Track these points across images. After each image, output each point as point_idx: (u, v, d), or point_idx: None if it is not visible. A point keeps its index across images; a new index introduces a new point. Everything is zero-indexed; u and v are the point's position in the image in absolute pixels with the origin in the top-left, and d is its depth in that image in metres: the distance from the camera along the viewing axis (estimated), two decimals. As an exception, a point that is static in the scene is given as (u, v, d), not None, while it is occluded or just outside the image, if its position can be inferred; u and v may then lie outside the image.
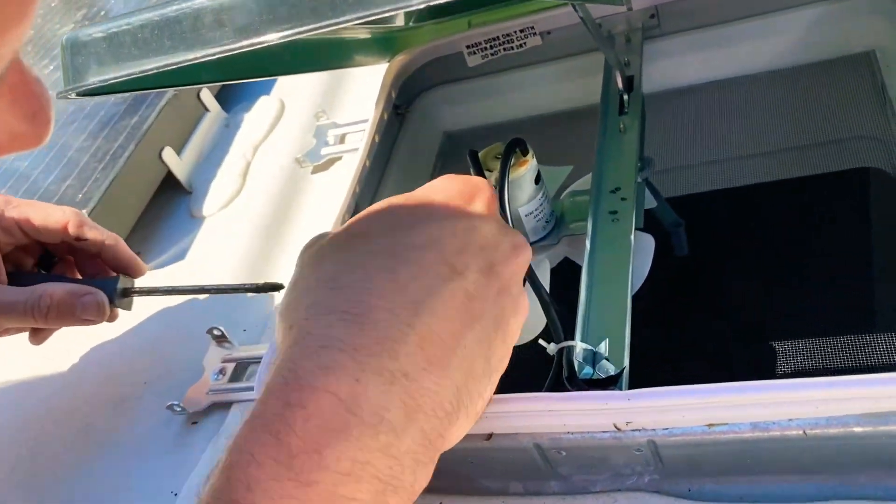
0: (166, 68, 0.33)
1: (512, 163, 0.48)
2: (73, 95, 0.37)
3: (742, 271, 0.55)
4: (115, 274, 0.57)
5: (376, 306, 0.30)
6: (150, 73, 0.33)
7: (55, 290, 0.51)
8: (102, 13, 1.04)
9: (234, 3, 0.30)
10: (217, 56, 0.32)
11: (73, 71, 0.36)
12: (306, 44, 0.59)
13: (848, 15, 0.59)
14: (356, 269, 0.31)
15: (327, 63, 0.64)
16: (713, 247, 0.58)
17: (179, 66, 0.33)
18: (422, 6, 0.30)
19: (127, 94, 0.83)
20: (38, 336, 0.55)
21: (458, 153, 0.72)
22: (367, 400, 0.28)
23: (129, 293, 0.55)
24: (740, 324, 0.50)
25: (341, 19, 0.28)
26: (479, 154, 0.49)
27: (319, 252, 0.34)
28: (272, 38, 0.31)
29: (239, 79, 0.53)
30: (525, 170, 0.48)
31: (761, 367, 0.45)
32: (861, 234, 0.54)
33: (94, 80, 0.34)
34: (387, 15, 0.29)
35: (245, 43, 0.31)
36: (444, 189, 0.36)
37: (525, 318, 0.36)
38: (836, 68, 0.60)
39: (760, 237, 0.57)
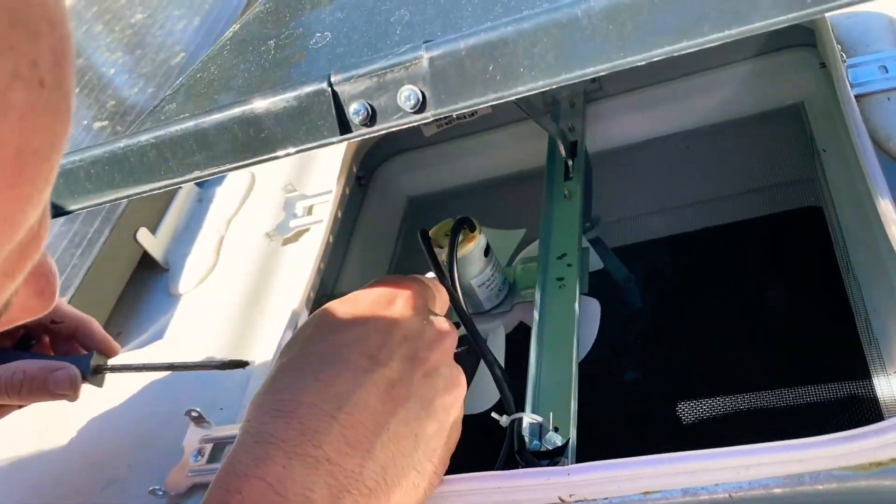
0: (117, 201, 0.35)
1: (460, 240, 0.50)
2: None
3: (690, 320, 0.58)
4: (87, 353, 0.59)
5: (303, 403, 0.34)
6: (103, 205, 0.36)
7: (28, 365, 0.53)
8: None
9: (174, 139, 0.33)
10: (163, 188, 0.35)
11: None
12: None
13: (777, 70, 0.62)
14: (290, 372, 0.36)
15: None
16: (663, 294, 0.61)
17: (129, 197, 0.35)
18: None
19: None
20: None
21: (421, 217, 0.75)
22: (294, 482, 0.32)
23: (101, 370, 0.56)
24: (682, 384, 0.52)
25: (260, 158, 0.31)
26: (430, 232, 0.52)
27: (284, 348, 0.39)
28: (215, 172, 0.34)
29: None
30: (473, 245, 0.51)
31: (697, 429, 0.47)
32: (798, 271, 0.57)
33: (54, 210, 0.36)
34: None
35: (189, 177, 0.34)
36: (370, 293, 0.40)
37: (464, 390, 0.39)
38: (769, 120, 0.64)
39: (707, 279, 0.60)
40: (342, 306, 0.39)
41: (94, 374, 0.56)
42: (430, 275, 0.48)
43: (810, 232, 0.57)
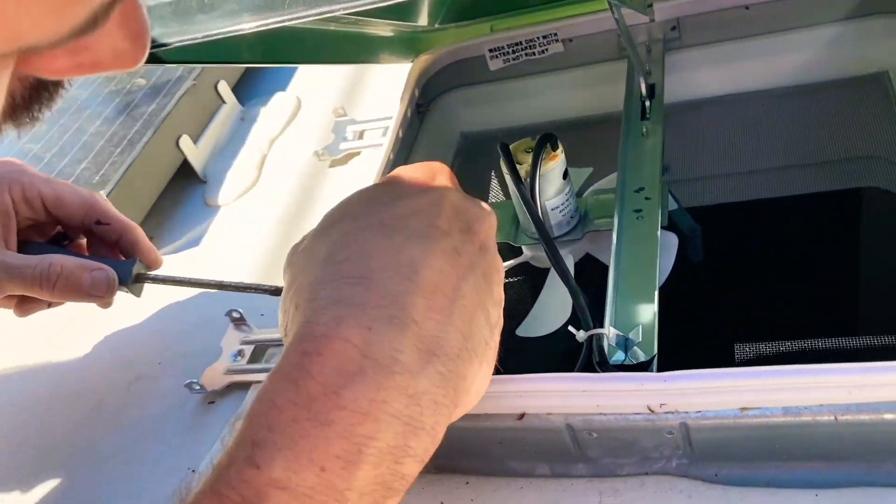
0: (230, 33, 0.33)
1: (543, 157, 0.49)
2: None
3: (757, 277, 0.56)
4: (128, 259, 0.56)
5: (377, 268, 0.32)
6: (212, 38, 0.34)
7: (66, 260, 0.50)
8: None
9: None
10: (278, 24, 0.33)
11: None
12: (335, 35, 0.61)
13: (864, 35, 0.61)
14: (350, 243, 0.33)
15: (353, 56, 0.65)
16: (727, 256, 0.60)
17: (241, 32, 0.33)
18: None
19: (146, 82, 0.83)
20: (24, 308, 0.53)
21: (475, 153, 0.73)
22: (381, 344, 0.30)
23: (142, 279, 0.53)
24: (764, 318, 0.51)
25: None
26: (511, 146, 0.50)
27: (307, 245, 0.35)
28: (335, 8, 0.32)
29: (274, 63, 0.54)
30: (555, 164, 0.49)
31: (790, 359, 0.46)
32: (872, 251, 0.55)
33: (157, 41, 0.34)
34: None
35: (312, 12, 0.32)
36: (410, 172, 0.38)
37: (503, 278, 0.37)
38: (850, 87, 0.62)
39: (772, 250, 0.58)
40: (384, 185, 0.37)
41: (135, 283, 0.53)
42: None
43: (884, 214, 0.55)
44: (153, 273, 0.54)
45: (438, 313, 0.31)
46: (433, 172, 0.38)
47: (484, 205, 0.38)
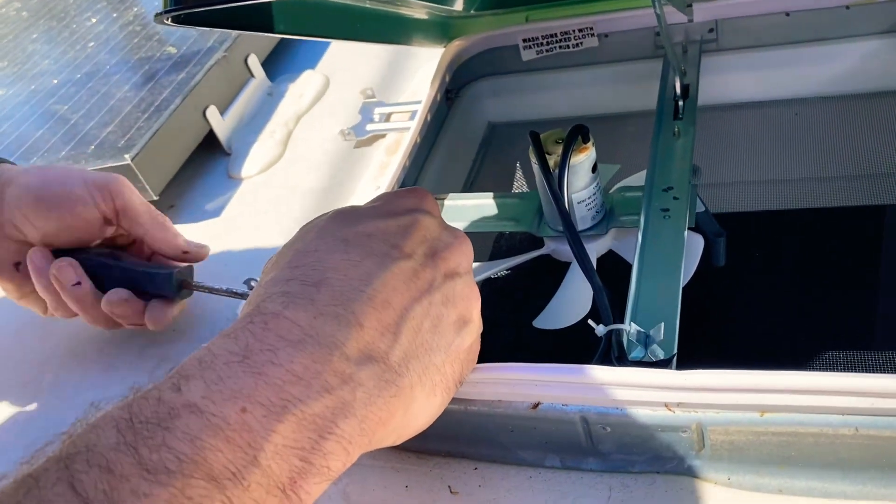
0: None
1: (573, 148, 0.48)
2: (169, 21, 0.37)
3: (779, 287, 0.56)
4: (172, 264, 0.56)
5: (331, 276, 0.32)
6: (248, 2, 0.34)
7: (128, 296, 0.52)
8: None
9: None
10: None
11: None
12: (371, 13, 0.60)
13: (904, 50, 0.60)
14: (311, 252, 0.34)
15: (387, 36, 0.64)
16: (750, 264, 0.59)
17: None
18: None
19: (176, 51, 0.83)
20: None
21: (501, 143, 0.73)
22: (324, 329, 0.30)
23: (186, 286, 0.54)
24: (785, 328, 0.50)
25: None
26: (541, 136, 0.50)
27: (277, 254, 0.37)
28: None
29: (307, 35, 0.53)
30: (585, 157, 0.49)
31: (810, 368, 0.45)
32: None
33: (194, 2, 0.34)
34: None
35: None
36: (387, 194, 0.39)
37: (479, 303, 0.38)
38: (885, 101, 0.61)
39: (796, 262, 0.58)
40: (359, 206, 0.38)
41: (179, 290, 0.54)
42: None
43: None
44: (195, 282, 0.55)
45: (385, 327, 0.32)
46: (418, 198, 0.39)
47: (460, 234, 0.38)
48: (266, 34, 0.50)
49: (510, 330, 0.56)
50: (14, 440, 0.52)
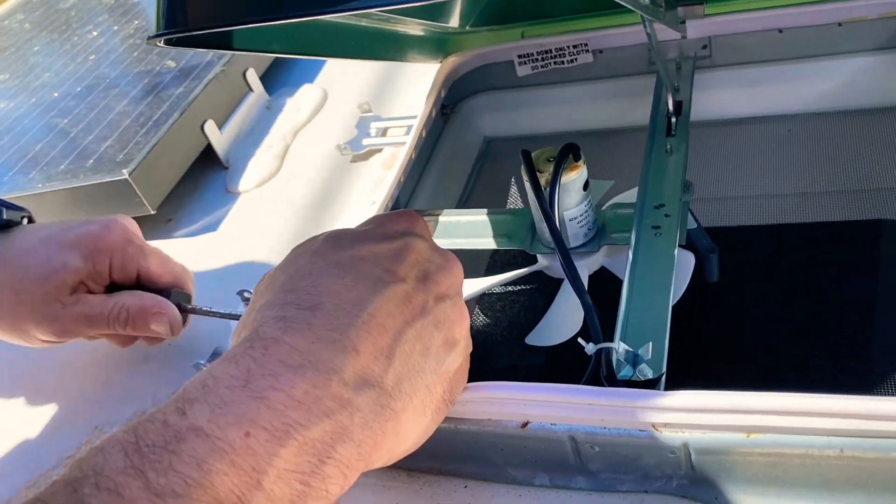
0: (264, 23, 0.33)
1: (564, 167, 0.49)
2: (161, 43, 0.38)
3: (772, 303, 0.56)
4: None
5: (326, 301, 0.33)
6: (244, 25, 0.34)
7: (131, 303, 0.52)
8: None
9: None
10: (313, 17, 0.33)
11: (166, 17, 0.36)
12: (367, 31, 0.61)
13: (893, 67, 0.60)
14: (305, 276, 0.34)
15: (383, 54, 0.65)
16: (743, 279, 0.59)
17: (271, 24, 0.33)
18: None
19: (175, 65, 0.84)
20: (121, 340, 0.56)
21: (497, 158, 0.74)
22: (322, 355, 0.31)
23: (184, 310, 0.54)
24: (776, 345, 0.51)
25: None
26: (533, 154, 0.50)
27: (269, 275, 0.37)
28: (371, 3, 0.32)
29: (303, 55, 0.54)
30: (576, 175, 0.49)
31: (800, 387, 0.45)
32: (889, 283, 0.55)
33: (191, 25, 0.35)
34: None
35: (348, 6, 0.32)
36: (384, 219, 0.40)
37: (469, 324, 0.38)
38: (877, 117, 0.62)
39: (788, 276, 0.58)
40: (351, 229, 0.39)
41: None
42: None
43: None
44: (190, 306, 0.55)
45: (379, 351, 0.32)
46: (409, 221, 0.39)
47: (450, 256, 0.39)
48: (263, 53, 0.51)
49: (503, 346, 0.56)
50: (14, 466, 0.53)
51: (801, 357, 0.49)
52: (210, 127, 0.76)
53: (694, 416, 0.35)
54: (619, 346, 0.40)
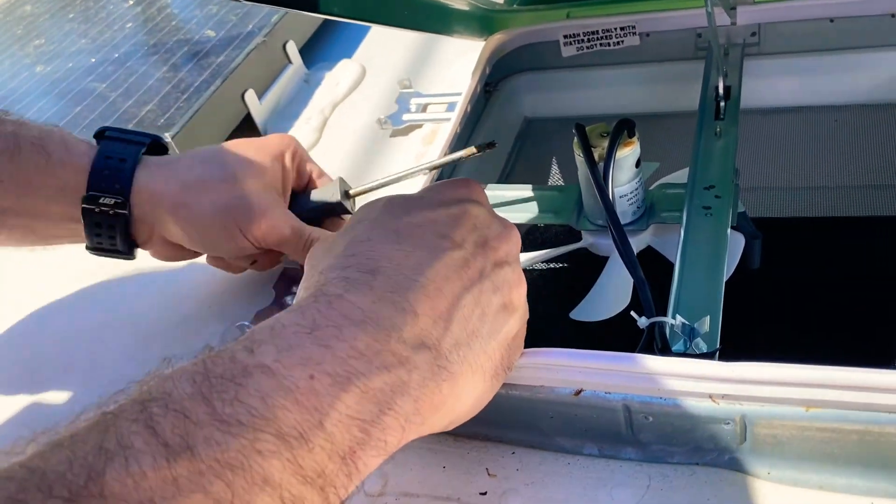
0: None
1: (619, 142, 0.49)
2: (234, -5, 0.38)
3: (812, 292, 0.56)
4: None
5: (385, 265, 0.33)
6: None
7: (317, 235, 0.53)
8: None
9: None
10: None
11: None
12: (418, 2, 0.61)
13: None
14: (363, 242, 0.35)
15: (428, 25, 0.65)
16: (784, 268, 0.59)
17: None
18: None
19: (214, 34, 0.84)
20: (266, 261, 0.57)
21: (537, 138, 0.73)
22: (382, 314, 0.31)
23: (349, 196, 0.56)
24: (819, 332, 0.50)
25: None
26: (586, 129, 0.50)
27: (330, 242, 0.37)
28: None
29: (349, 18, 0.54)
30: (629, 151, 0.49)
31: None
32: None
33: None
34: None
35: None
36: (442, 185, 0.40)
37: (525, 293, 0.39)
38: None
39: (834, 267, 0.58)
40: (409, 195, 0.39)
41: (347, 199, 0.56)
42: None
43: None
44: (358, 188, 0.56)
45: (438, 315, 0.33)
46: (467, 188, 0.40)
47: (508, 223, 0.39)
48: (310, 13, 0.51)
49: (544, 321, 0.56)
50: (86, 388, 0.54)
51: (852, 340, 0.49)
52: (250, 96, 0.76)
53: (753, 388, 0.35)
54: (676, 320, 0.40)
